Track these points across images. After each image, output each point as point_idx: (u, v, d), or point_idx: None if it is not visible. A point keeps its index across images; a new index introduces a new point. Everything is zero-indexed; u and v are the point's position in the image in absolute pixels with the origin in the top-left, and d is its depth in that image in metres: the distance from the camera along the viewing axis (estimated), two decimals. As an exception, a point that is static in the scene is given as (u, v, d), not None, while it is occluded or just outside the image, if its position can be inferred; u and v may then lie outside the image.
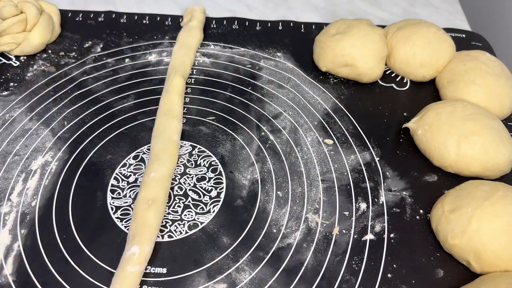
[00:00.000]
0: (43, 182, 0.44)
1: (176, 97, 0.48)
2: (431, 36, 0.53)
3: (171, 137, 0.45)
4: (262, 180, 0.45)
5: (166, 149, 0.44)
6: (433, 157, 0.45)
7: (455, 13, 0.67)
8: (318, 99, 0.53)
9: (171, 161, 0.43)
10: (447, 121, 0.45)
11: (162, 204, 0.40)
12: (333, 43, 0.53)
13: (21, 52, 0.55)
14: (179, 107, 0.48)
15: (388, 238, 0.41)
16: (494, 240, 0.37)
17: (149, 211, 0.39)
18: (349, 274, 0.38)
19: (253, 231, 0.41)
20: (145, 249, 0.37)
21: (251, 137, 0.48)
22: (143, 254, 0.37)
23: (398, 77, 0.55)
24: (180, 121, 0.48)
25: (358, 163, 0.47)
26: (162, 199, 0.41)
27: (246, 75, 0.55)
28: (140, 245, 0.37)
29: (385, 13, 0.67)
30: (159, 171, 0.42)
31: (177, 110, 0.48)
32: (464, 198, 0.40)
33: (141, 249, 0.37)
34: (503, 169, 0.44)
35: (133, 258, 0.36)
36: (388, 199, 0.44)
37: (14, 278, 0.37)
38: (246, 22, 0.62)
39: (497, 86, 0.49)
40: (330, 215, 0.42)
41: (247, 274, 0.38)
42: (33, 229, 0.40)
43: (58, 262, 0.38)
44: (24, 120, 0.49)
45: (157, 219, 0.39)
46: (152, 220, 0.39)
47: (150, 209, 0.39)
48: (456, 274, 0.39)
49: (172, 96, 0.48)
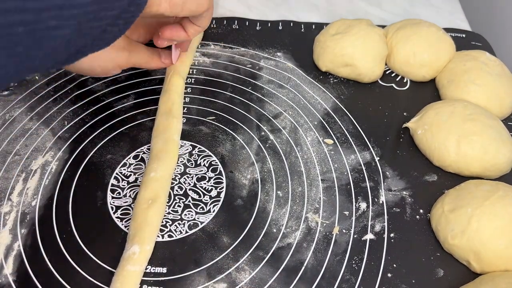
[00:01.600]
0: (43, 182, 0.44)
1: (176, 97, 0.48)
2: (431, 36, 0.53)
3: (171, 137, 0.45)
4: (262, 180, 0.45)
5: (166, 149, 0.44)
6: (433, 157, 0.45)
7: (455, 13, 0.67)
8: (318, 99, 0.53)
9: (171, 160, 0.43)
10: (447, 121, 0.45)
11: (162, 204, 0.40)
12: (333, 43, 0.53)
13: (21, 52, 0.55)
14: (179, 107, 0.48)
15: (388, 237, 0.41)
16: (494, 240, 0.37)
17: (149, 211, 0.39)
18: (349, 273, 0.38)
19: (253, 231, 0.41)
20: (146, 249, 0.37)
21: (251, 137, 0.48)
22: (143, 254, 0.37)
23: (398, 77, 0.55)
24: (180, 120, 0.48)
25: (358, 162, 0.47)
26: (162, 199, 0.41)
27: (246, 75, 0.55)
28: (140, 245, 0.37)
29: (385, 13, 0.67)
30: (159, 170, 0.42)
31: (176, 110, 0.48)
32: (464, 198, 0.40)
33: (142, 248, 0.37)
34: (503, 169, 0.44)
35: (134, 257, 0.36)
36: (388, 199, 0.44)
37: (14, 278, 0.37)
38: (246, 22, 0.62)
39: (497, 86, 0.49)
40: (330, 215, 0.42)
41: (247, 273, 0.38)
42: (33, 229, 0.40)
43: (58, 262, 0.38)
44: (24, 120, 0.49)
45: (157, 218, 0.39)
46: (152, 220, 0.39)
47: (150, 208, 0.39)
48: (456, 274, 0.39)
49: (171, 96, 0.48)
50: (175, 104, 0.48)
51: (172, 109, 0.47)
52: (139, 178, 0.44)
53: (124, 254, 0.37)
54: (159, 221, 0.40)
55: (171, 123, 0.46)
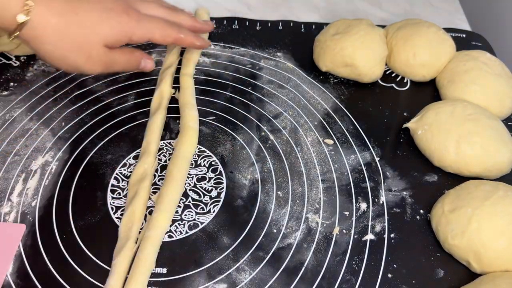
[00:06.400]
0: (43, 182, 0.43)
1: (164, 92, 0.50)
2: (431, 36, 0.53)
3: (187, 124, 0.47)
4: (262, 180, 0.45)
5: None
6: (433, 157, 0.45)
7: (455, 13, 0.67)
8: (318, 99, 0.53)
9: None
10: (447, 121, 0.45)
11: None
12: (333, 43, 0.53)
13: (21, 52, 0.55)
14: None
15: (389, 238, 0.41)
16: (494, 240, 0.37)
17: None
18: (349, 274, 0.38)
19: (253, 231, 0.41)
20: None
21: (251, 137, 0.48)
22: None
23: (398, 77, 0.55)
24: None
25: (358, 163, 0.47)
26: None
27: (246, 75, 0.55)
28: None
29: (385, 13, 0.67)
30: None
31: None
32: (464, 198, 0.40)
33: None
34: (503, 169, 0.44)
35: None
36: (388, 199, 0.44)
37: (14, 278, 0.37)
38: (246, 22, 0.62)
39: (497, 86, 0.49)
40: (330, 215, 0.42)
41: (247, 274, 0.38)
42: (33, 229, 0.40)
43: (58, 262, 0.38)
44: (24, 120, 0.49)
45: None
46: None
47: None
48: (456, 274, 0.39)
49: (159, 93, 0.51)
50: (164, 99, 0.49)
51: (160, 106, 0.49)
52: (139, 178, 0.44)
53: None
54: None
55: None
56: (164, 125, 0.48)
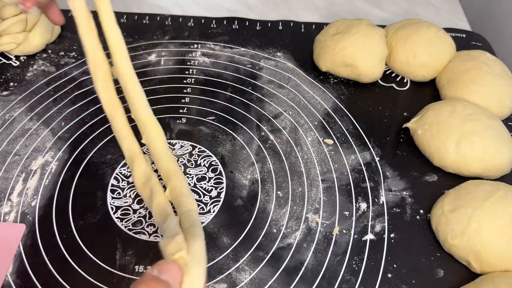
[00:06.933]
0: (43, 182, 0.44)
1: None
2: (431, 36, 0.53)
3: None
4: (262, 180, 0.45)
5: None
6: (433, 157, 0.45)
7: (455, 13, 0.67)
8: (318, 99, 0.53)
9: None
10: (447, 121, 0.45)
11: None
12: (333, 43, 0.53)
13: (21, 52, 0.55)
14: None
15: (388, 238, 0.41)
16: (494, 240, 0.37)
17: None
18: (349, 274, 0.38)
19: (253, 231, 0.41)
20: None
21: (251, 137, 0.48)
22: None
23: (398, 77, 0.55)
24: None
25: (358, 163, 0.47)
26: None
27: (246, 75, 0.55)
28: None
29: (385, 13, 0.67)
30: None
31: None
32: (464, 198, 0.40)
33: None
34: (503, 169, 0.44)
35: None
36: (388, 199, 0.44)
37: (14, 278, 0.37)
38: (246, 22, 0.62)
39: (497, 86, 0.49)
40: (330, 215, 0.42)
41: (247, 274, 0.38)
42: (33, 229, 0.40)
43: (58, 262, 0.38)
44: (24, 120, 0.49)
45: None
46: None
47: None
48: (456, 274, 0.39)
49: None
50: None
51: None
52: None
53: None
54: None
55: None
56: (164, 125, 0.48)
